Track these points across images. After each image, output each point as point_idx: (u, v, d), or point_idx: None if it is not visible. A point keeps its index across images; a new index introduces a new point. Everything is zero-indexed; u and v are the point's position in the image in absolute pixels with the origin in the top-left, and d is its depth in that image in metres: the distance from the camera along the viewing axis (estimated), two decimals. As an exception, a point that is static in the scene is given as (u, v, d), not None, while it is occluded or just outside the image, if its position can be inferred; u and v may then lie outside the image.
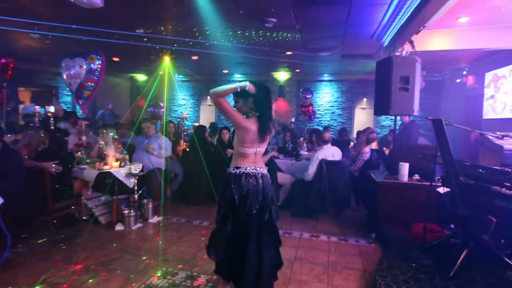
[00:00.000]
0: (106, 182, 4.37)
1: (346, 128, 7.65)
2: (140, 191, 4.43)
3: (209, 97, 11.37)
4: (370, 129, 5.35)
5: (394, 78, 3.98)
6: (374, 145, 6.35)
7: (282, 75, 10.13)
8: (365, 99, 10.15)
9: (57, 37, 5.75)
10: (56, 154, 3.87)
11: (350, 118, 10.31)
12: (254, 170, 2.32)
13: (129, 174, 4.28)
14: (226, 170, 2.40)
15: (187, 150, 5.78)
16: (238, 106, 2.35)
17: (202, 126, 5.93)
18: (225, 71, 9.93)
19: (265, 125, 2.29)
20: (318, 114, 10.47)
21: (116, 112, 9.64)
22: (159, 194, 4.91)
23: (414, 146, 5.20)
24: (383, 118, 9.83)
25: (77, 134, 5.35)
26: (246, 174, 2.30)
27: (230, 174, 2.33)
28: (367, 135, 5.07)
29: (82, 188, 4.19)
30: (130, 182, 4.30)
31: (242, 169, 2.31)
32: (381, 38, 5.23)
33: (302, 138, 7.11)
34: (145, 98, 10.67)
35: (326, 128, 7.48)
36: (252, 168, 2.33)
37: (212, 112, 11.50)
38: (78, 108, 5.88)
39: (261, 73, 9.90)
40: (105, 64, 5.21)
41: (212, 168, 5.09)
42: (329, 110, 10.52)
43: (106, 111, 9.32)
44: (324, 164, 4.54)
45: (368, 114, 10.10)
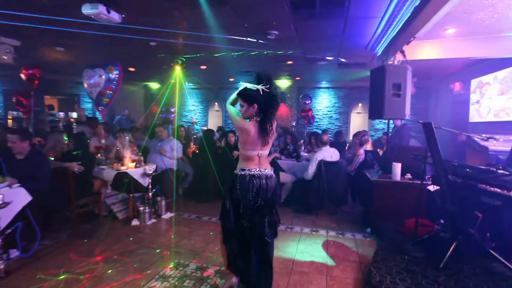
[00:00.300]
0: (123, 181, 4.40)
1: (341, 131, 7.61)
2: (154, 190, 4.45)
3: (216, 103, 11.47)
4: (361, 132, 5.34)
5: (387, 85, 3.98)
6: (368, 146, 6.33)
7: (283, 83, 10.14)
8: (360, 104, 10.11)
9: (79, 49, 5.84)
10: (79, 156, 3.92)
11: (346, 122, 10.27)
12: (258, 172, 2.29)
13: (144, 174, 4.31)
14: (233, 171, 2.39)
15: (197, 152, 5.80)
16: (243, 110, 2.30)
17: (210, 130, 5.94)
18: (231, 79, 9.96)
19: (263, 127, 2.24)
20: (317, 118, 10.46)
21: (132, 117, 9.70)
22: (171, 192, 4.94)
23: (406, 147, 5.16)
24: (377, 121, 9.77)
25: (97, 137, 5.40)
26: (251, 175, 2.27)
27: (236, 176, 2.32)
28: (360, 138, 5.06)
29: (101, 186, 4.21)
30: (145, 181, 4.33)
31: (247, 171, 2.29)
32: (374, 48, 5.22)
33: (302, 141, 7.10)
34: (158, 104, 10.74)
35: (325, 131, 7.45)
36: (257, 170, 2.30)
37: (219, 117, 11.52)
38: (98, 114, 5.92)
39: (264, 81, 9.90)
40: (122, 74, 5.26)
41: (219, 168, 5.10)
42: (327, 114, 10.49)
43: (123, 117, 9.37)
44: (323, 164, 4.53)
45: (363, 118, 10.06)
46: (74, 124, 6.31)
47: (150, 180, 4.35)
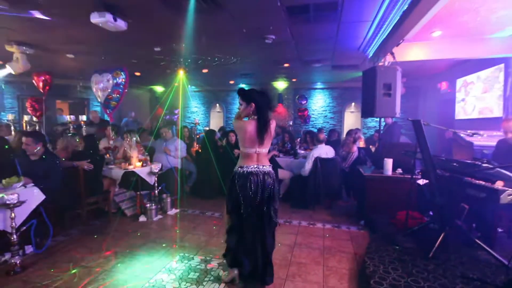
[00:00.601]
0: (131, 180, 4.39)
1: (335, 129, 7.61)
2: (159, 187, 4.44)
3: (218, 104, 11.44)
4: (353, 130, 5.35)
5: (378, 85, 3.96)
6: (361, 143, 6.32)
7: (281, 84, 10.10)
8: (353, 104, 10.08)
9: (88, 55, 5.82)
10: (88, 155, 3.91)
11: (340, 121, 10.25)
12: (256, 169, 2.31)
13: (150, 173, 4.30)
14: (233, 169, 2.40)
15: (200, 151, 5.79)
16: (242, 108, 2.34)
17: (212, 130, 5.93)
18: (231, 82, 9.92)
19: (261, 126, 2.27)
20: (313, 117, 10.43)
21: (138, 119, 9.69)
22: (176, 190, 4.93)
23: (397, 144, 5.16)
24: (369, 120, 9.75)
25: (106, 139, 5.40)
26: (249, 172, 2.29)
27: (236, 173, 2.34)
28: (353, 136, 5.07)
29: (110, 185, 4.21)
30: (151, 180, 4.32)
31: (245, 168, 2.30)
32: (366, 50, 5.20)
33: (299, 139, 7.09)
34: (162, 106, 10.72)
35: (320, 130, 7.42)
36: (255, 167, 2.31)
37: (220, 117, 11.49)
38: (106, 116, 5.91)
39: (262, 83, 9.88)
40: (128, 78, 5.23)
41: (221, 166, 5.09)
42: (322, 114, 10.47)
43: (130, 119, 9.35)
44: (318, 161, 4.53)
45: (356, 117, 10.03)
46: (84, 126, 6.30)
47: (156, 178, 4.34)
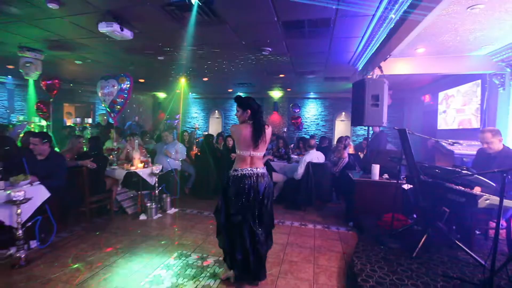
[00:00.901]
0: (133, 180, 4.37)
1: (326, 136, 7.67)
2: (160, 188, 4.42)
3: (216, 111, 11.46)
4: (343, 137, 5.39)
5: (367, 96, 4.00)
6: (351, 150, 6.37)
7: (276, 93, 10.18)
8: (343, 113, 10.19)
9: (94, 62, 5.81)
10: (92, 156, 3.89)
11: (331, 128, 10.33)
12: (250, 172, 2.29)
13: (151, 174, 4.28)
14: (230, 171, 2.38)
15: (199, 154, 5.78)
16: (238, 114, 2.38)
17: (210, 135, 5.93)
18: (230, 90, 9.96)
19: (256, 130, 2.28)
20: (306, 125, 10.50)
21: (141, 123, 9.64)
22: (176, 190, 4.91)
23: (384, 151, 5.19)
24: (359, 128, 9.85)
25: (110, 140, 5.37)
26: (243, 175, 2.27)
27: (230, 176, 2.32)
28: (343, 143, 5.11)
29: (113, 185, 4.17)
30: (152, 180, 4.30)
31: (239, 171, 2.29)
32: (356, 64, 5.28)
33: (292, 145, 7.12)
34: (164, 112, 10.70)
35: (312, 136, 7.47)
36: (248, 169, 2.29)
37: (219, 123, 11.50)
38: (111, 120, 5.88)
39: (259, 92, 9.94)
40: (132, 84, 5.23)
41: (219, 169, 5.09)
42: (314, 122, 10.54)
43: (133, 122, 9.30)
44: (310, 165, 4.55)
45: (346, 125, 10.13)
46: (89, 128, 6.25)
47: (157, 179, 4.32)
